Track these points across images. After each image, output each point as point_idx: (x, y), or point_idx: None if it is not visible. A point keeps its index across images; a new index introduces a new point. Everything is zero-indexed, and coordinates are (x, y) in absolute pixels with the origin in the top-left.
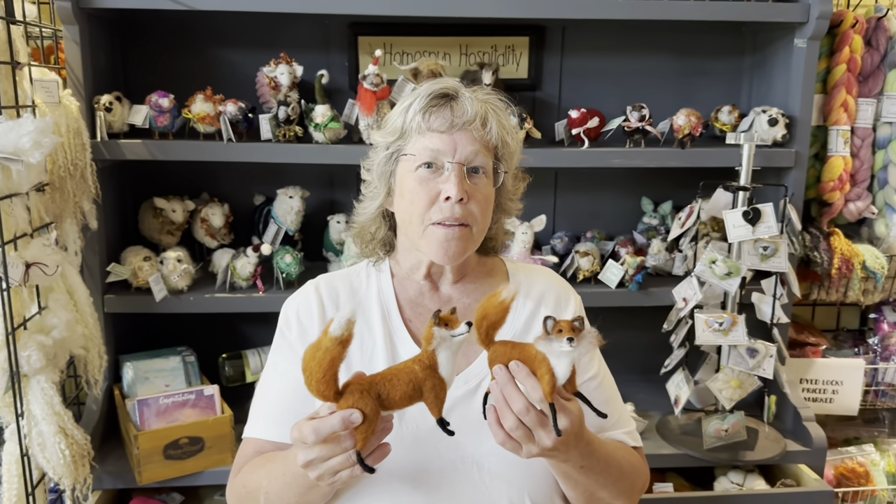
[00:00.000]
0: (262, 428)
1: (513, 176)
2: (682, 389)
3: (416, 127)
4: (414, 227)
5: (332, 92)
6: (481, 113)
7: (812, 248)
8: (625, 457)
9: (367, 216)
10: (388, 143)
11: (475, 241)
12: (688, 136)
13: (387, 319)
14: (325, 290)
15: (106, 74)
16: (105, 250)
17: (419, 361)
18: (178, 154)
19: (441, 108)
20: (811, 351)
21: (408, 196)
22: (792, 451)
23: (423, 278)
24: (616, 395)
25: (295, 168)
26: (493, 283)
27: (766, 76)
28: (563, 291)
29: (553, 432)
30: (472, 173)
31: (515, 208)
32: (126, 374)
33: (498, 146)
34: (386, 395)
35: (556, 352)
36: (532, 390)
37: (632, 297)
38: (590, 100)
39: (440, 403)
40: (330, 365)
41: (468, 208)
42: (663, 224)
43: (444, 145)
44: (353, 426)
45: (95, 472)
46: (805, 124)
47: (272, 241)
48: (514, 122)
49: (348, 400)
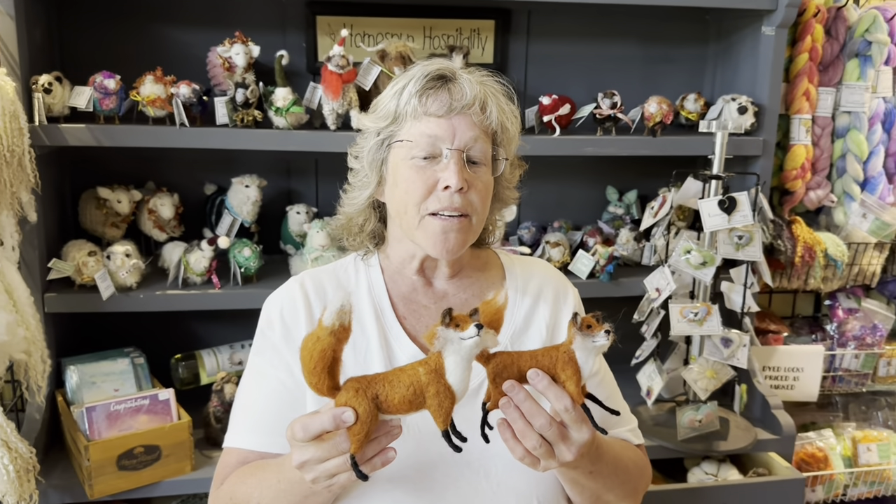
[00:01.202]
0: (245, 437)
1: (511, 163)
2: (654, 380)
3: (412, 111)
4: (409, 217)
5: (289, 74)
6: (480, 96)
7: (775, 236)
8: (630, 457)
9: (356, 207)
10: (380, 129)
11: (475, 232)
12: (659, 123)
13: (380, 317)
14: (312, 287)
15: (43, 53)
16: (45, 245)
17: (425, 364)
18: (127, 140)
19: (438, 91)
20: (773, 338)
21: (402, 185)
22: (762, 439)
23: (415, 273)
24: (617, 392)
25: (249, 155)
26: (490, 277)
27: (732, 64)
28: (560, 285)
29: (574, 445)
30: (472, 161)
31: (513, 197)
32: (70, 378)
33: (497, 131)
34: (384, 396)
35: (589, 348)
36: (557, 399)
37: (602, 288)
38: (556, 86)
39: (444, 413)
40: (321, 356)
41: (468, 198)
42: (628, 213)
43: (441, 130)
44: (344, 425)
45: (41, 487)
46: (773, 112)
47: (227, 234)
48: (514, 107)
49: (342, 397)
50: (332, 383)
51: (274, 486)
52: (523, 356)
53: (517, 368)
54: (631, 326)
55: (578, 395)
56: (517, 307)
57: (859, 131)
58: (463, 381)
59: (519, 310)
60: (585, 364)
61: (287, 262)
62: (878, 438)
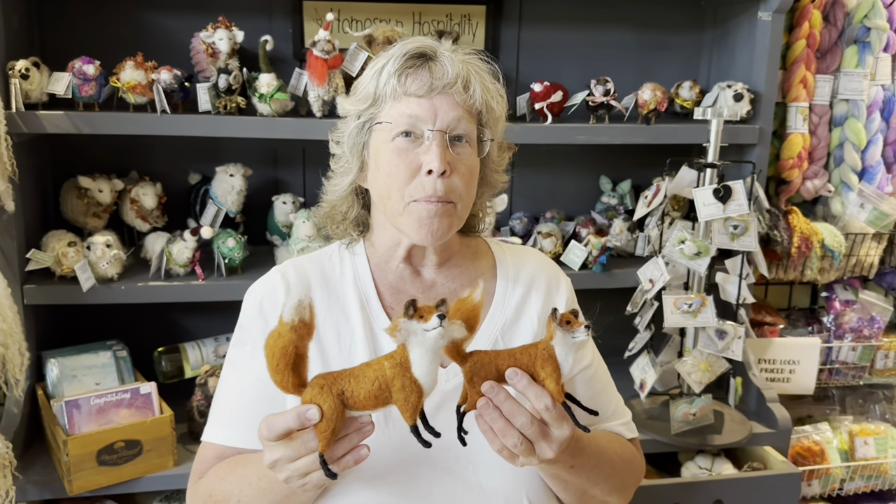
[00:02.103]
0: (222, 432)
1: (498, 145)
2: (647, 373)
3: (391, 91)
4: (393, 203)
5: (275, 61)
6: (463, 74)
7: (771, 226)
8: (616, 451)
9: (339, 194)
10: (360, 112)
11: (460, 218)
12: (653, 111)
13: (366, 308)
14: (294, 277)
15: (21, 38)
16: (24, 235)
17: (390, 357)
18: (106, 127)
19: (418, 70)
20: (769, 330)
21: (384, 169)
22: (757, 433)
23: (402, 261)
24: (610, 385)
25: (235, 144)
26: (480, 266)
27: (728, 51)
28: (553, 274)
29: (555, 443)
30: (455, 142)
31: (501, 181)
32: (50, 372)
33: (482, 111)
34: (350, 392)
35: (569, 344)
36: (537, 398)
37: (595, 279)
38: (548, 73)
39: (411, 408)
40: (282, 353)
41: (451, 182)
42: (622, 203)
43: (422, 111)
44: (310, 423)
45: (19, 483)
46: (769, 100)
47: (211, 224)
48: (500, 86)
49: (307, 395)
50: (297, 381)
51: (255, 484)
52: (501, 355)
53: (495, 367)
54: (624, 318)
55: (559, 392)
56: (508, 298)
57: (857, 120)
58: (430, 374)
59: (510, 300)
60: (565, 361)
61: (273, 253)
62: (876, 432)
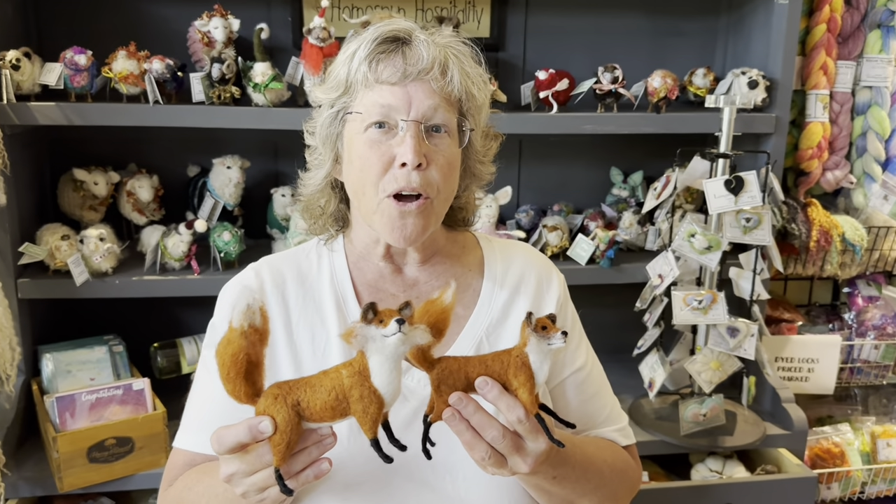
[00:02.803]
0: (193, 438)
1: (482, 134)
2: (656, 372)
3: (362, 79)
4: (367, 199)
5: (274, 51)
6: (440, 59)
7: (789, 219)
8: (607, 459)
9: (313, 188)
10: (332, 101)
11: (437, 214)
12: (663, 99)
13: (342, 308)
14: (269, 276)
15: (15, 28)
16: (18, 228)
17: (349, 366)
18: (98, 118)
19: (391, 55)
20: (786, 328)
21: (357, 163)
22: (772, 434)
23: (381, 258)
24: (605, 388)
25: (233, 135)
26: (466, 263)
27: (744, 36)
28: (544, 271)
29: (530, 457)
30: (433, 132)
31: (487, 172)
32: (45, 367)
33: (462, 99)
34: (306, 403)
35: (545, 351)
36: (509, 409)
37: (603, 274)
38: (557, 61)
39: (370, 420)
40: (232, 361)
41: (427, 176)
42: (633, 196)
43: (396, 100)
44: (262, 437)
45: (10, 480)
46: (786, 88)
47: (208, 217)
48: (482, 71)
49: (261, 405)
50: (250, 390)
51: (220, 496)
52: (471, 361)
53: (464, 375)
54: (633, 315)
55: (532, 403)
56: (495, 296)
57: (881, 107)
58: (390, 383)
59: (497, 299)
60: (540, 369)
61: (271, 247)
62: None
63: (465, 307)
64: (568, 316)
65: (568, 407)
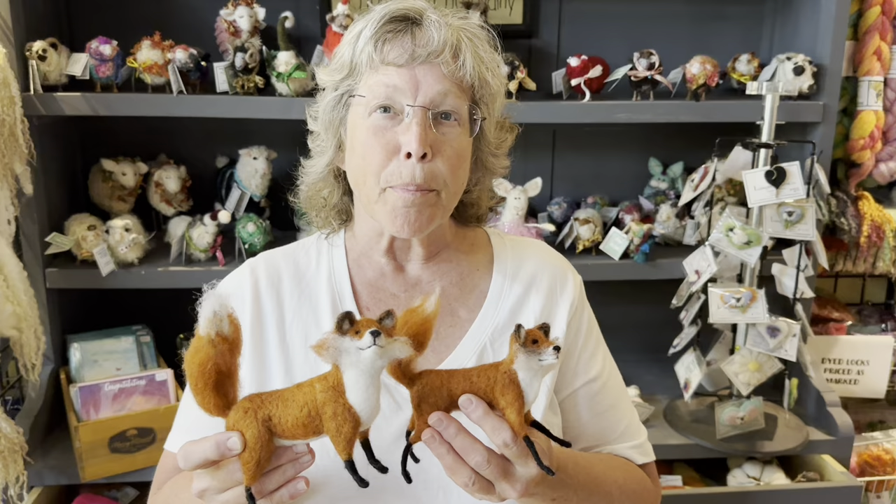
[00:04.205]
0: (182, 441)
1: (496, 124)
2: (692, 372)
3: (367, 60)
4: (368, 189)
5: (301, 40)
6: (452, 41)
7: (838, 213)
8: (617, 479)
9: (315, 177)
10: (336, 83)
11: (445, 207)
12: (702, 86)
13: (338, 308)
14: (264, 273)
15: (48, 18)
16: (47, 219)
17: (323, 380)
18: (123, 109)
19: (399, 36)
20: (835, 328)
21: (359, 150)
22: (815, 440)
23: (383, 254)
24: (622, 401)
25: (260, 126)
26: (474, 261)
27: (792, 20)
28: (558, 271)
29: (519, 482)
30: (442, 120)
31: (501, 166)
32: (73, 356)
33: (475, 85)
34: (278, 419)
35: (535, 368)
36: (495, 432)
37: (637, 270)
38: (593, 48)
39: (344, 440)
40: (200, 371)
41: (434, 167)
42: (673, 188)
43: (402, 82)
44: (231, 454)
45: (35, 468)
46: (835, 74)
47: (235, 208)
48: (497, 57)
49: (230, 419)
50: (220, 402)
51: None
52: (455, 376)
53: (447, 392)
54: (670, 312)
55: (521, 425)
56: (503, 298)
57: None
58: (367, 400)
59: (505, 301)
60: (530, 387)
61: (297, 239)
62: None
63: (470, 310)
64: (584, 321)
65: (579, 420)
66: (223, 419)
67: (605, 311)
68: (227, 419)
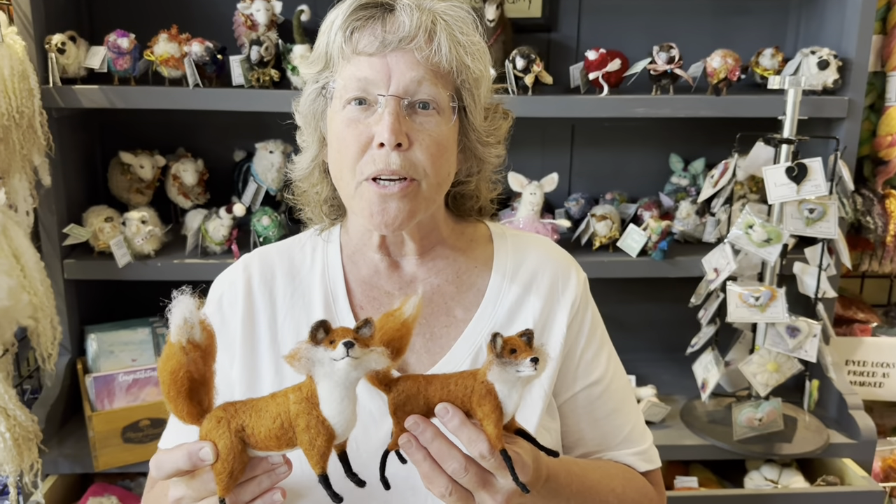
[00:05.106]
0: (174, 439)
1: (485, 111)
2: (710, 372)
3: (339, 50)
4: (345, 184)
5: (317, 33)
6: (425, 25)
7: (864, 212)
8: (615, 488)
9: (302, 172)
10: (315, 76)
11: (427, 199)
12: (723, 80)
13: (331, 307)
14: (258, 270)
15: (68, 11)
16: (65, 210)
17: (297, 390)
18: (140, 101)
19: (369, 23)
20: (859, 329)
21: (336, 144)
22: (836, 443)
23: (376, 250)
24: (626, 405)
25: (277, 119)
26: (472, 258)
27: (818, 14)
28: (561, 268)
29: (500, 493)
30: (420, 109)
31: (493, 154)
32: (90, 346)
33: (454, 71)
34: (251, 429)
35: (512, 379)
36: (471, 443)
37: (655, 267)
38: (612, 42)
39: (318, 454)
40: (171, 379)
41: (410, 157)
42: (694, 185)
43: (374, 73)
44: (203, 464)
45: (50, 456)
46: (861, 68)
47: (251, 201)
48: (480, 41)
49: (203, 428)
50: (194, 410)
51: None
52: (433, 383)
53: (424, 399)
54: (688, 311)
55: (498, 437)
56: (502, 296)
57: None
58: (342, 412)
59: (503, 300)
60: (508, 398)
61: None
62: None
63: (467, 309)
64: (586, 321)
65: (579, 425)
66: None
67: (621, 309)
68: (200, 428)
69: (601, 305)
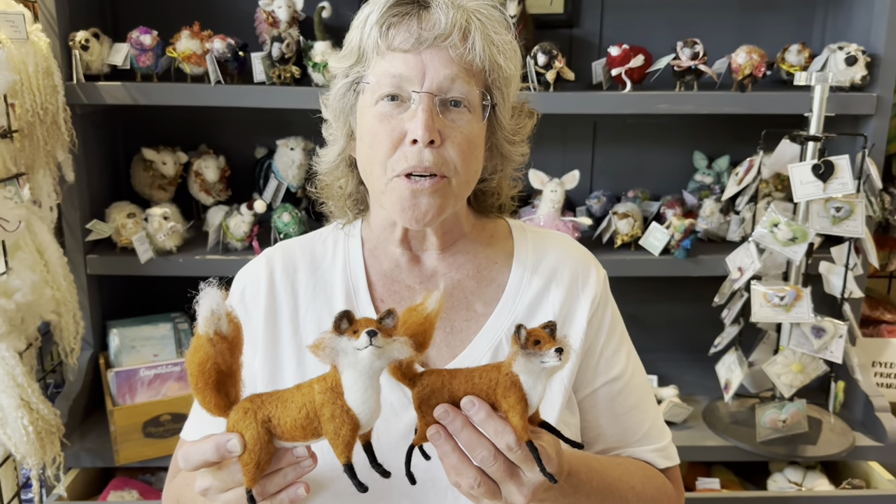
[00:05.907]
0: (196, 431)
1: (512, 110)
2: (733, 372)
3: (373, 46)
4: (375, 179)
5: (340, 31)
6: (460, 23)
7: (892, 210)
8: (635, 485)
9: (328, 166)
10: (346, 70)
11: (456, 195)
12: (748, 77)
13: (352, 300)
14: (280, 264)
15: (91, 8)
16: (89, 206)
17: (322, 381)
18: (162, 98)
19: (405, 20)
20: (887, 330)
21: (367, 139)
22: (861, 446)
23: (398, 245)
24: (645, 401)
25: (298, 116)
26: (493, 253)
27: (845, 9)
28: (581, 265)
29: (526, 486)
30: (451, 106)
31: (518, 153)
32: (112, 341)
33: (486, 69)
34: (277, 420)
35: (537, 370)
36: (498, 434)
37: (678, 266)
38: (636, 38)
39: (342, 443)
40: (199, 370)
41: (443, 153)
42: (718, 182)
43: (408, 69)
44: (230, 455)
45: (72, 450)
46: (890, 64)
47: (272, 198)
48: (512, 40)
49: (231, 420)
50: (222, 402)
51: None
52: (457, 377)
53: (448, 393)
54: (712, 311)
55: (524, 429)
56: (522, 292)
57: None
58: (366, 402)
59: (524, 295)
60: (533, 390)
61: None
62: None
63: (487, 304)
64: (606, 317)
65: (598, 421)
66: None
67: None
68: (227, 419)
69: (623, 304)
